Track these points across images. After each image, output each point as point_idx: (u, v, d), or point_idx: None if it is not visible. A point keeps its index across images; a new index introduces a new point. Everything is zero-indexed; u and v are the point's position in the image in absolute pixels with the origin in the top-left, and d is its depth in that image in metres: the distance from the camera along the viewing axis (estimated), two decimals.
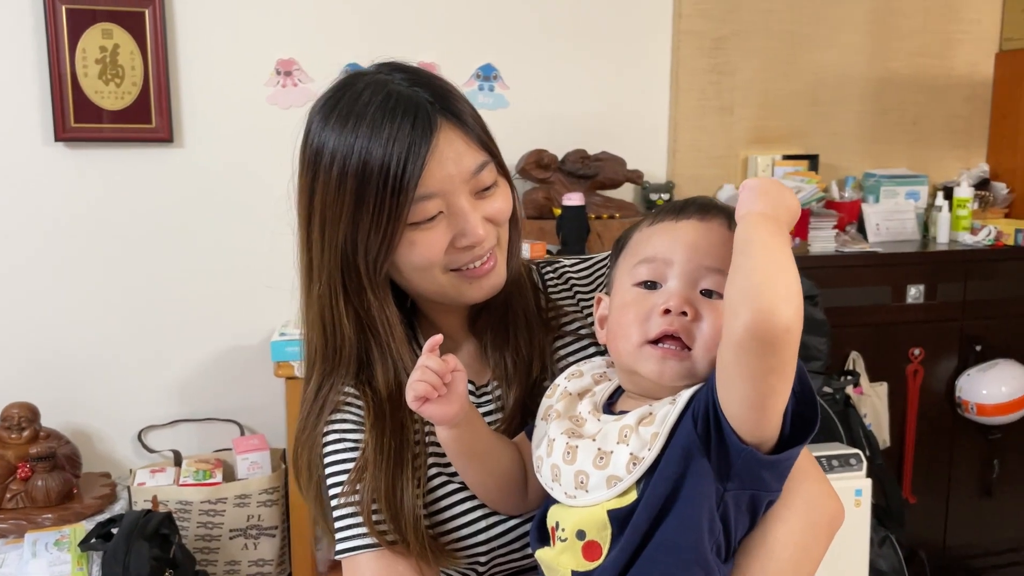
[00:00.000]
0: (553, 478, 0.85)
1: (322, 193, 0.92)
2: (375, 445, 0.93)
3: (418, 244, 0.91)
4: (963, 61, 3.19)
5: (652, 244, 0.87)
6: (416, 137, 0.87)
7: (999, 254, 2.85)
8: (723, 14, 2.93)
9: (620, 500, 0.79)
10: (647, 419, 0.80)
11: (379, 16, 2.66)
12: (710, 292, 0.83)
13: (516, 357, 1.00)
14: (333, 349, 0.97)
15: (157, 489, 2.36)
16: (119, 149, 2.53)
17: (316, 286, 0.96)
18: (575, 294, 1.09)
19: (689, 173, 2.92)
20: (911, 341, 2.81)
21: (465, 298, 0.96)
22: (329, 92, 0.96)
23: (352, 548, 0.93)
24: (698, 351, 0.81)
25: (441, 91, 0.92)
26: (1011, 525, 3.00)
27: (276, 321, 2.66)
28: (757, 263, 0.72)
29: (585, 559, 0.81)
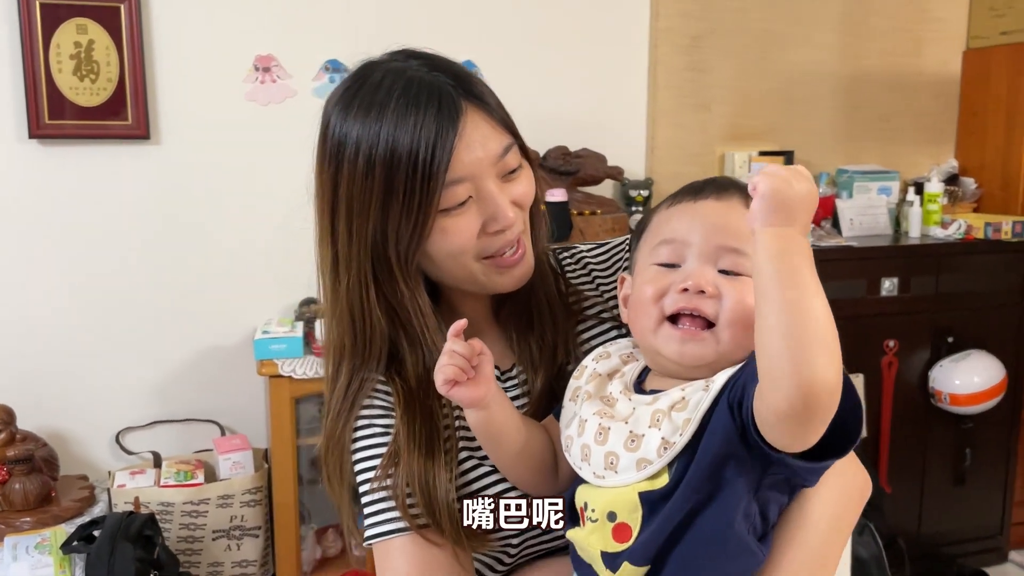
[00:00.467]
0: (583, 458, 0.86)
1: (347, 185, 0.90)
2: (407, 433, 0.93)
3: (449, 231, 0.90)
4: (932, 59, 3.26)
5: (671, 225, 0.88)
6: (443, 122, 0.87)
7: (969, 247, 2.92)
8: (699, 13, 2.96)
9: (651, 483, 0.80)
10: (679, 404, 0.81)
11: (358, 13, 2.65)
12: (728, 271, 0.84)
13: (541, 342, 1.01)
14: (364, 343, 0.96)
15: (138, 491, 2.33)
16: (94, 146, 2.49)
17: (345, 279, 0.94)
18: (594, 278, 1.10)
19: (667, 170, 2.95)
20: (886, 333, 2.86)
21: (496, 287, 0.96)
22: (346, 83, 0.94)
23: (385, 532, 0.93)
24: (720, 330, 0.82)
25: (461, 75, 0.92)
26: (983, 512, 3.07)
27: (255, 320, 2.64)
28: (787, 316, 0.69)
29: (615, 540, 0.81)
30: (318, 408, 2.63)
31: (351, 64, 2.89)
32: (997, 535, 3.11)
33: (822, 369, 0.67)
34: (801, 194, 0.72)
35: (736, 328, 0.82)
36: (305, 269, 2.84)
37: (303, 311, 2.60)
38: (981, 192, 3.22)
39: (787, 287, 0.69)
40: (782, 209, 0.71)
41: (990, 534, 3.10)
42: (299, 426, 2.47)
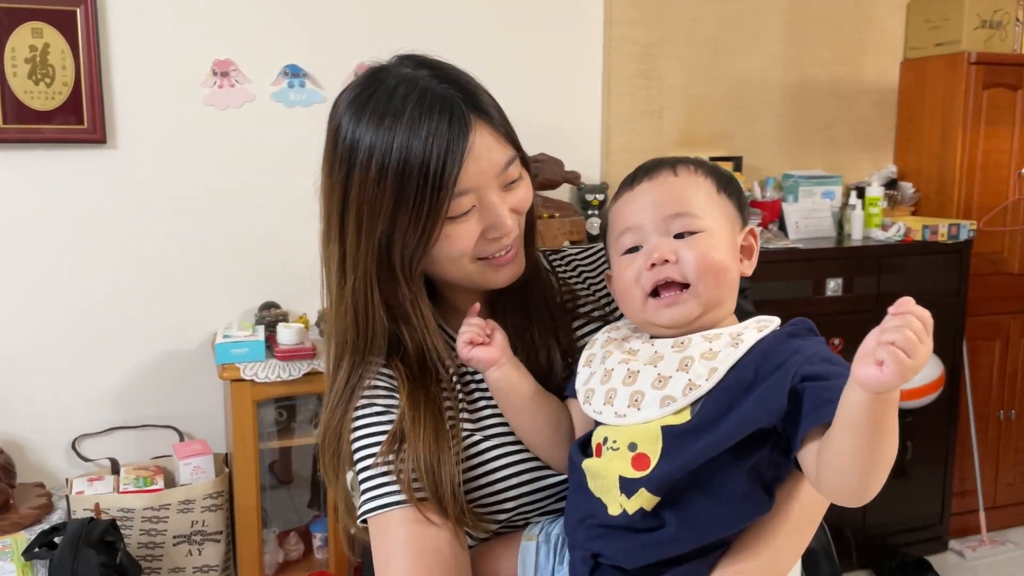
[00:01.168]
0: (606, 401, 0.92)
1: (359, 189, 0.94)
2: (412, 416, 0.97)
3: (452, 237, 0.95)
4: (872, 68, 3.39)
5: (622, 216, 0.97)
6: (454, 135, 0.91)
7: (908, 249, 3.04)
8: (651, 22, 3.04)
9: (675, 418, 0.87)
10: (707, 354, 0.89)
11: (318, 17, 2.67)
12: (682, 234, 0.93)
13: (543, 336, 1.07)
14: (366, 339, 1.01)
15: (98, 497, 2.31)
16: (50, 151, 2.47)
17: (351, 279, 0.98)
18: (584, 278, 1.16)
19: (622, 174, 2.94)
20: (831, 332, 2.96)
21: (489, 284, 1.02)
22: (357, 88, 0.97)
23: (385, 505, 0.96)
24: (694, 287, 0.91)
25: (469, 87, 0.96)
26: (924, 502, 3.20)
27: (213, 325, 2.64)
28: (870, 458, 0.75)
29: (633, 468, 0.87)
30: (278, 412, 2.64)
31: (309, 69, 2.88)
32: (937, 524, 3.24)
33: (880, 486, 0.77)
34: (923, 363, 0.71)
35: (707, 279, 0.91)
36: (265, 274, 2.85)
37: (263, 315, 2.60)
38: (919, 196, 3.36)
39: (876, 435, 0.74)
40: (911, 374, 0.70)
41: (931, 524, 3.22)
42: (259, 430, 2.47)
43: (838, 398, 0.77)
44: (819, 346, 0.88)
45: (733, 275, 0.94)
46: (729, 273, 0.93)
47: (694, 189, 0.95)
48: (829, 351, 0.88)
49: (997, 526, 3.39)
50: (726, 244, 0.94)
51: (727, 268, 0.93)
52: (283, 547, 2.62)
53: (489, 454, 1.02)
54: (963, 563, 3.20)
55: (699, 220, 0.93)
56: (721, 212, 0.95)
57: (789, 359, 0.84)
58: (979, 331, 3.26)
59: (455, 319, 1.09)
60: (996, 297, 3.28)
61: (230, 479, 2.47)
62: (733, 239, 0.96)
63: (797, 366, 0.83)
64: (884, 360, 0.68)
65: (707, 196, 0.95)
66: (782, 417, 0.82)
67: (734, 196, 0.98)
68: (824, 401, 0.80)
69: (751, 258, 0.99)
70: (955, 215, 3.20)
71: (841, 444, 0.76)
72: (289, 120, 2.65)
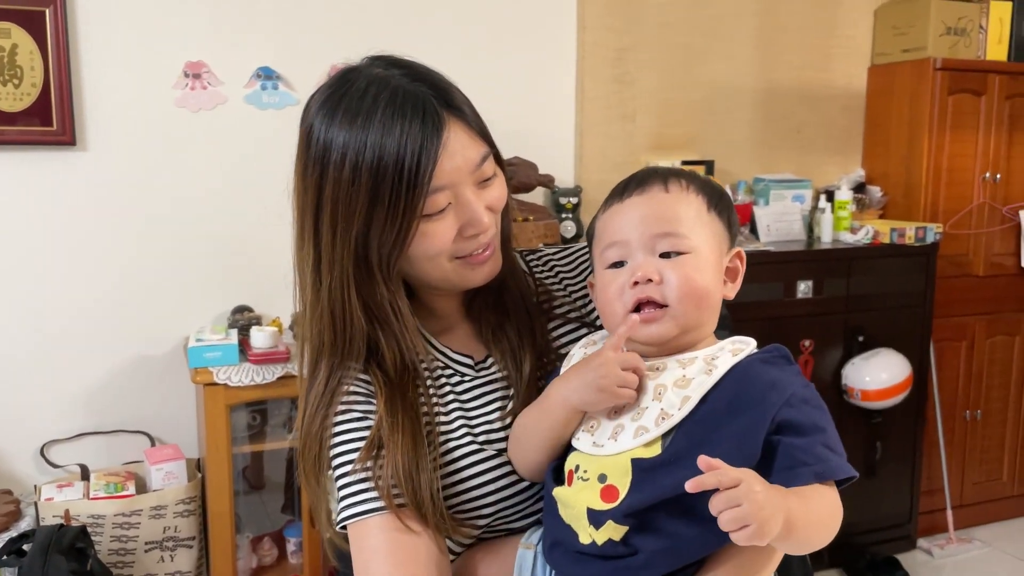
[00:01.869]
0: (586, 429, 0.92)
1: (333, 189, 0.93)
2: (391, 423, 0.97)
3: (429, 235, 0.95)
4: (840, 74, 3.44)
5: (609, 229, 0.97)
6: (428, 132, 0.91)
7: (877, 251, 3.09)
8: (624, 27, 3.06)
9: (645, 450, 0.86)
10: (681, 381, 0.89)
11: (291, 19, 2.66)
12: (668, 253, 0.92)
13: (518, 333, 1.06)
14: (343, 341, 1.00)
15: (67, 504, 2.28)
16: (18, 152, 2.44)
17: (327, 280, 0.97)
18: (561, 280, 1.16)
19: (595, 178, 3.04)
20: (801, 333, 3.01)
21: (467, 283, 1.01)
22: (329, 89, 0.97)
23: (363, 512, 0.95)
24: (673, 308, 0.91)
25: (440, 85, 0.96)
26: (893, 502, 3.24)
27: (185, 329, 2.62)
28: (801, 548, 0.83)
29: (602, 500, 0.87)
30: (251, 417, 2.62)
31: (282, 72, 2.86)
32: (906, 523, 3.29)
33: (827, 541, 0.85)
34: (764, 507, 0.76)
35: (687, 302, 0.91)
36: (237, 277, 2.83)
37: (236, 319, 2.59)
38: (886, 199, 3.42)
39: (794, 539, 0.80)
40: (760, 534, 0.76)
41: (899, 523, 3.27)
42: (233, 434, 2.46)
43: (811, 461, 0.83)
44: (795, 380, 0.88)
45: (715, 299, 0.94)
46: (711, 297, 0.93)
47: (684, 206, 0.94)
48: (805, 386, 0.88)
49: (964, 524, 3.45)
50: (711, 266, 0.93)
51: (709, 292, 0.92)
52: (257, 552, 2.60)
53: (464, 461, 1.01)
54: (931, 561, 3.25)
55: (686, 240, 0.92)
56: (710, 231, 0.94)
57: (766, 396, 0.85)
58: (945, 332, 3.32)
59: (432, 323, 1.08)
60: (962, 299, 3.34)
61: (203, 484, 2.45)
62: (719, 261, 0.95)
63: (775, 408, 0.84)
64: (739, 537, 0.76)
65: (697, 214, 0.94)
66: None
67: (724, 213, 0.97)
68: (797, 463, 0.83)
69: (735, 281, 0.97)
70: (922, 218, 3.26)
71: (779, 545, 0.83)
72: (262, 122, 2.63)
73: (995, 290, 3.41)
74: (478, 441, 1.03)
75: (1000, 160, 3.34)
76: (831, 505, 0.85)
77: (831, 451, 0.85)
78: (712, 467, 0.76)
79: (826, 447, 0.85)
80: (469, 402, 1.06)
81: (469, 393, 1.06)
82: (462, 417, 1.04)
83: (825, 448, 0.85)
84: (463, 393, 1.06)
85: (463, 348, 1.09)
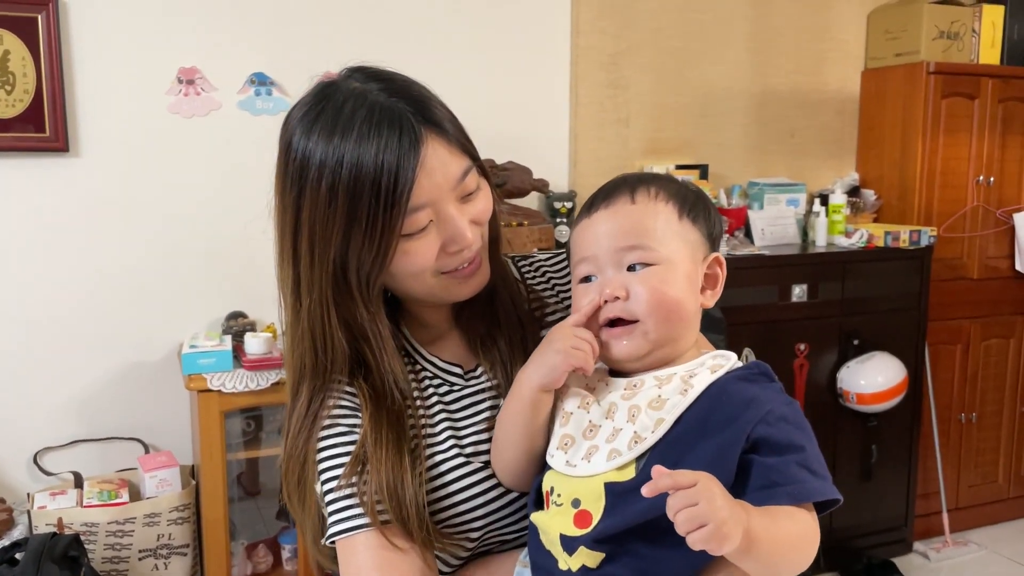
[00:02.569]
0: (559, 446, 0.90)
1: (310, 209, 0.92)
2: (375, 438, 0.95)
3: (411, 253, 0.93)
4: (833, 78, 3.45)
5: (579, 244, 0.95)
6: (404, 150, 0.89)
7: (871, 255, 3.10)
8: (618, 31, 3.07)
9: (618, 474, 0.84)
10: (655, 402, 0.86)
11: (285, 25, 2.66)
12: (635, 266, 0.90)
13: (509, 344, 1.05)
14: (325, 363, 0.98)
15: (60, 512, 2.26)
16: (10, 159, 2.43)
17: (306, 301, 0.95)
18: (553, 285, 1.15)
19: (590, 182, 3.04)
20: (796, 337, 3.01)
21: (454, 297, 1.00)
22: (307, 105, 0.95)
23: (350, 528, 0.94)
24: (644, 320, 0.89)
25: (419, 99, 0.93)
26: (890, 505, 3.24)
27: (179, 335, 2.61)
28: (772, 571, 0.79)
29: (575, 526, 0.85)
30: (245, 423, 2.61)
31: (275, 77, 2.86)
32: (902, 527, 3.29)
33: (798, 567, 0.81)
34: (721, 508, 0.72)
35: (657, 315, 0.89)
36: (231, 283, 2.82)
37: (230, 324, 2.58)
38: (880, 203, 3.42)
39: (757, 557, 0.76)
40: (718, 536, 0.72)
41: (895, 526, 3.27)
42: (227, 441, 2.44)
43: (784, 481, 0.79)
44: (775, 397, 0.85)
45: (688, 310, 0.90)
46: (682, 309, 0.90)
47: (652, 217, 0.91)
48: (786, 404, 0.85)
49: (960, 527, 3.45)
50: (683, 276, 0.90)
51: (679, 304, 0.89)
52: (251, 559, 2.59)
53: (452, 474, 1.00)
54: (927, 564, 3.25)
55: (654, 252, 0.90)
56: (681, 240, 0.91)
57: (742, 414, 0.82)
58: (940, 336, 3.33)
59: (422, 332, 1.07)
60: (956, 302, 3.35)
61: (197, 491, 2.44)
62: (693, 269, 0.92)
63: (750, 425, 0.81)
64: (695, 539, 0.72)
65: (666, 224, 0.91)
66: None
67: (700, 220, 0.94)
68: (770, 483, 0.80)
69: (715, 288, 0.94)
70: (916, 222, 3.27)
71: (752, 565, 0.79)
72: (255, 128, 2.63)
73: (989, 293, 3.42)
74: (465, 453, 1.01)
75: (994, 163, 3.35)
76: (803, 527, 0.80)
77: (809, 472, 0.81)
78: (671, 473, 0.74)
79: (803, 467, 0.81)
80: (457, 412, 1.04)
81: (458, 403, 1.05)
82: (450, 428, 1.03)
83: (802, 468, 0.81)
84: (451, 403, 1.04)
85: (453, 357, 1.07)
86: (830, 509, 0.84)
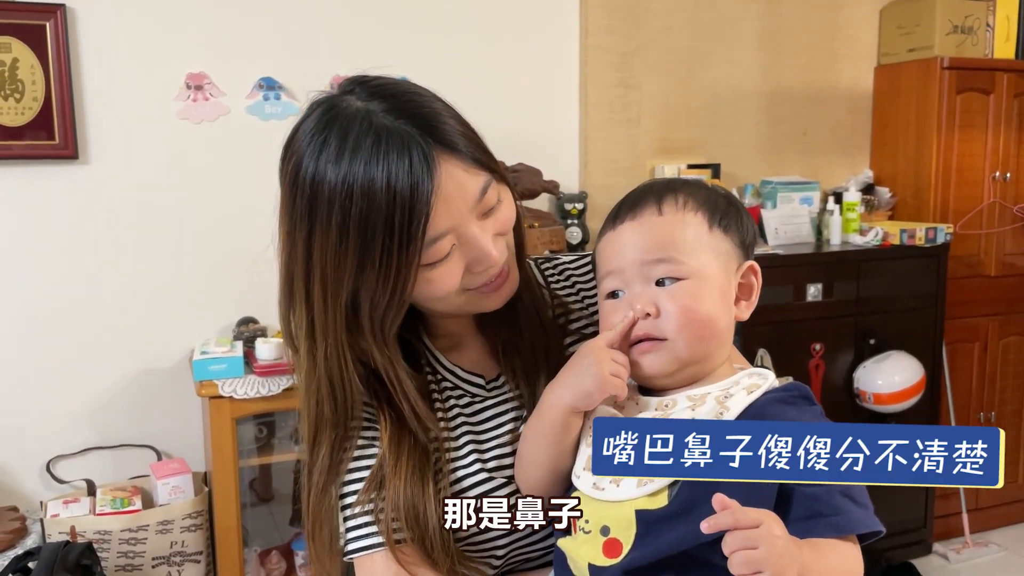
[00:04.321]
0: (587, 467, 0.85)
1: (321, 251, 0.86)
2: (394, 456, 0.92)
3: (435, 281, 0.88)
4: (846, 75, 3.42)
5: (605, 258, 0.92)
6: (417, 180, 0.82)
7: (887, 253, 3.06)
8: (627, 31, 3.04)
9: (650, 501, 0.80)
10: None
11: (293, 29, 2.65)
12: (663, 280, 0.87)
13: (532, 352, 1.00)
14: (344, 412, 0.93)
15: (73, 520, 2.26)
16: (20, 167, 2.43)
17: (323, 346, 0.90)
18: (577, 290, 1.10)
19: (600, 183, 3.02)
20: (812, 337, 2.97)
21: (482, 308, 0.95)
22: (310, 133, 0.88)
23: (370, 546, 0.92)
24: (673, 340, 0.85)
25: (427, 117, 0.86)
26: (908, 507, 3.20)
27: (191, 342, 2.60)
28: None
29: (605, 555, 0.81)
30: (257, 429, 2.60)
31: (284, 82, 2.83)
32: (921, 528, 3.25)
33: None
34: (782, 555, 0.70)
35: (686, 332, 0.85)
36: (242, 289, 2.81)
37: (241, 330, 2.57)
38: (895, 200, 3.38)
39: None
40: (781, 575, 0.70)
41: (915, 527, 3.23)
42: (239, 448, 2.44)
43: (828, 512, 0.76)
44: (815, 422, 0.81)
45: (721, 326, 0.86)
46: (715, 325, 0.86)
47: (680, 228, 0.87)
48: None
49: (980, 528, 3.40)
50: (715, 290, 0.86)
51: (711, 321, 0.85)
52: (265, 566, 2.58)
53: (474, 491, 0.96)
54: (947, 566, 3.20)
55: (683, 266, 0.85)
56: (711, 252, 0.87)
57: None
58: (958, 334, 3.28)
59: (442, 340, 1.03)
60: (974, 300, 3.30)
61: (210, 498, 2.43)
62: (726, 282, 0.88)
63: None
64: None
65: (695, 235, 0.87)
66: None
67: (732, 229, 0.89)
68: (813, 513, 0.77)
69: (750, 298, 0.90)
70: (932, 219, 3.23)
71: None
72: (265, 133, 2.62)
73: (1007, 290, 3.38)
74: (488, 468, 0.98)
75: (1010, 159, 3.30)
76: (850, 562, 0.78)
77: (853, 502, 0.79)
78: (727, 507, 0.70)
79: (847, 497, 0.79)
80: (480, 424, 1.01)
81: (480, 415, 1.01)
82: (472, 441, 0.99)
83: (846, 498, 0.78)
84: (473, 415, 1.01)
85: (474, 367, 1.03)
86: (872, 540, 0.81)
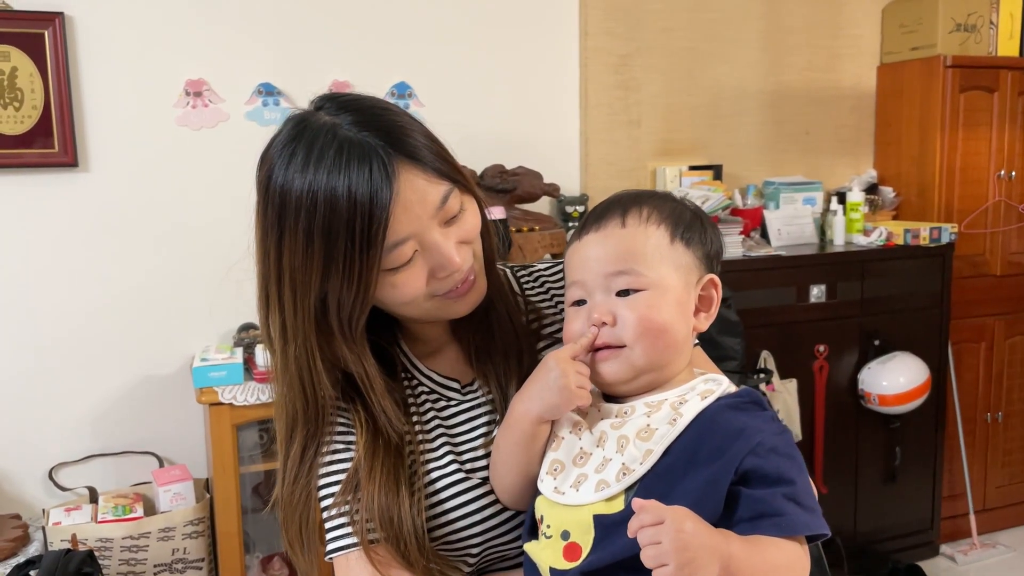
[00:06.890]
0: (549, 471, 0.89)
1: (290, 255, 0.91)
2: (368, 468, 0.95)
3: (399, 285, 0.92)
4: (848, 74, 3.40)
5: (570, 267, 0.95)
6: (376, 187, 0.87)
7: (891, 253, 3.04)
8: (627, 32, 3.03)
9: (607, 506, 0.83)
10: (644, 433, 0.85)
11: (290, 35, 2.64)
12: (626, 291, 0.89)
13: (505, 357, 1.03)
14: (315, 410, 0.98)
15: (75, 527, 2.26)
16: (19, 175, 2.43)
17: (292, 347, 0.95)
18: (551, 296, 1.13)
19: (601, 185, 3.01)
20: (816, 338, 2.96)
21: (451, 314, 0.99)
22: (281, 144, 0.93)
23: (347, 546, 0.95)
24: (632, 347, 0.88)
25: (390, 129, 0.91)
26: (914, 508, 3.18)
27: (190, 349, 2.60)
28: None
29: (565, 559, 0.84)
30: (260, 435, 2.60)
31: (283, 87, 2.83)
32: (928, 529, 3.23)
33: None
34: (687, 548, 0.72)
35: (644, 341, 0.87)
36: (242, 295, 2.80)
37: (242, 337, 2.57)
38: (899, 200, 3.36)
39: None
40: (684, 573, 0.72)
41: (921, 529, 3.21)
42: (240, 454, 2.43)
43: (771, 512, 0.78)
44: (765, 427, 0.83)
45: (678, 335, 0.89)
46: (671, 334, 0.88)
47: (642, 241, 0.90)
48: (777, 434, 0.83)
49: (987, 529, 3.38)
50: (673, 301, 0.89)
51: (668, 329, 0.88)
52: (267, 572, 2.58)
53: (449, 491, 0.99)
54: (955, 567, 3.18)
55: (643, 277, 0.88)
56: (672, 264, 0.90)
57: (731, 445, 0.81)
58: (963, 334, 3.26)
59: (418, 345, 1.06)
60: (979, 300, 3.28)
61: (211, 505, 2.43)
62: (685, 293, 0.90)
63: (740, 457, 0.80)
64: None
65: (656, 248, 0.90)
66: None
67: (695, 242, 0.92)
68: (757, 515, 0.79)
69: (709, 310, 0.93)
70: (936, 218, 3.21)
71: None
72: (264, 139, 2.59)
73: (1013, 290, 3.35)
74: (464, 469, 1.00)
75: (1015, 157, 3.28)
76: (790, 557, 0.79)
77: (797, 505, 0.80)
78: (643, 508, 0.73)
79: (791, 500, 0.80)
80: (455, 427, 1.03)
81: (455, 418, 1.04)
82: (448, 443, 1.02)
83: (789, 501, 0.80)
84: (448, 418, 1.04)
85: (450, 371, 1.06)
86: (820, 540, 0.83)
